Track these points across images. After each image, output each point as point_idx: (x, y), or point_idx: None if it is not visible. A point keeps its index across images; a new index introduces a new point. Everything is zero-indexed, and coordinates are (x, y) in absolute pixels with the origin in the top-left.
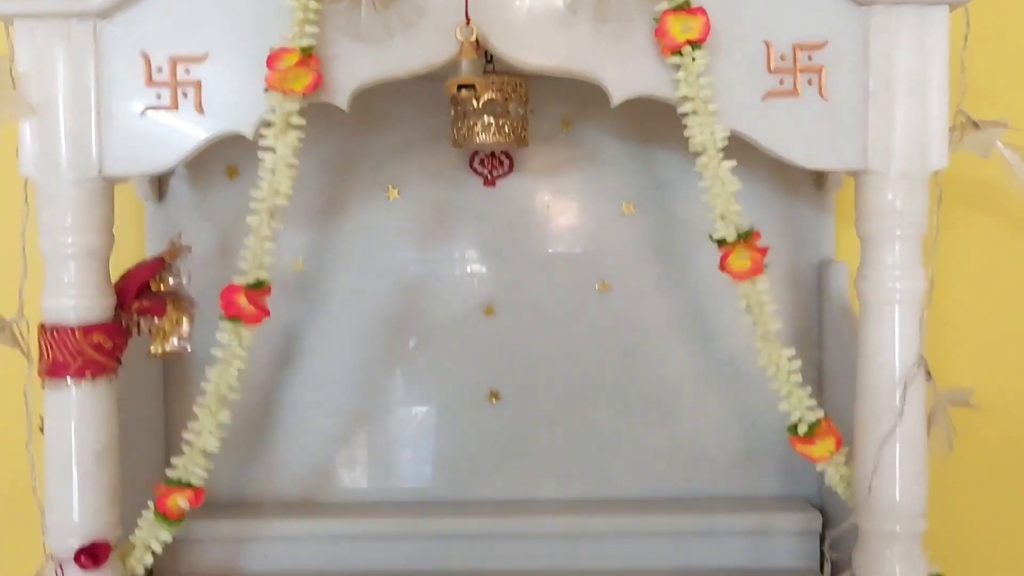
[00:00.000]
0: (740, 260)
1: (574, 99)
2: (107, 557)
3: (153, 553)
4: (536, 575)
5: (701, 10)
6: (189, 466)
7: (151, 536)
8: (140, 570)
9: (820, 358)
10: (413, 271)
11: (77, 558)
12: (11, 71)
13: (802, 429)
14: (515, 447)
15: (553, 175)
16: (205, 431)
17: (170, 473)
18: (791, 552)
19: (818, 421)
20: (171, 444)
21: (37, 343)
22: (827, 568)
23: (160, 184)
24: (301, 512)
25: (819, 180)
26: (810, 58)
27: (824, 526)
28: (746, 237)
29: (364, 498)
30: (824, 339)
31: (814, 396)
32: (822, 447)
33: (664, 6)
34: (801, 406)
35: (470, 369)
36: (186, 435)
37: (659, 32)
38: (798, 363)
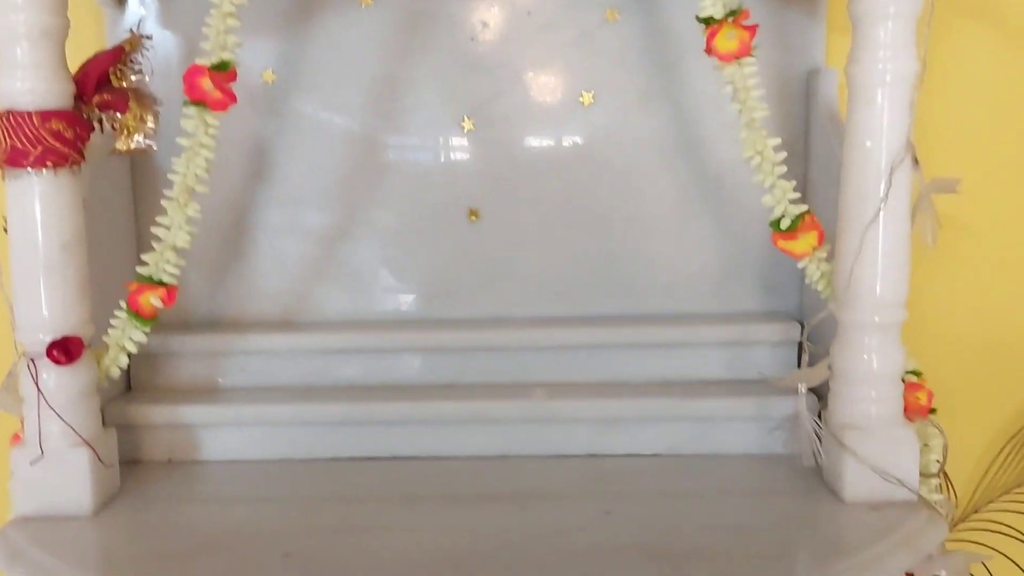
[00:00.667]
0: (727, 40)
1: None
2: (80, 352)
3: (128, 354)
4: (516, 388)
5: None
6: (160, 263)
7: (125, 337)
8: (115, 371)
9: (806, 170)
10: (387, 82)
11: (49, 352)
12: None
13: (785, 223)
14: (495, 267)
15: None
16: (175, 226)
17: (141, 270)
18: (770, 362)
19: (801, 215)
20: (142, 247)
21: None
22: (804, 360)
23: None
24: (277, 329)
25: None
26: None
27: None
28: (734, 15)
29: (342, 319)
30: (811, 151)
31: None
32: (804, 242)
33: None
34: (784, 199)
35: (448, 186)
36: (155, 230)
37: None
38: (783, 154)
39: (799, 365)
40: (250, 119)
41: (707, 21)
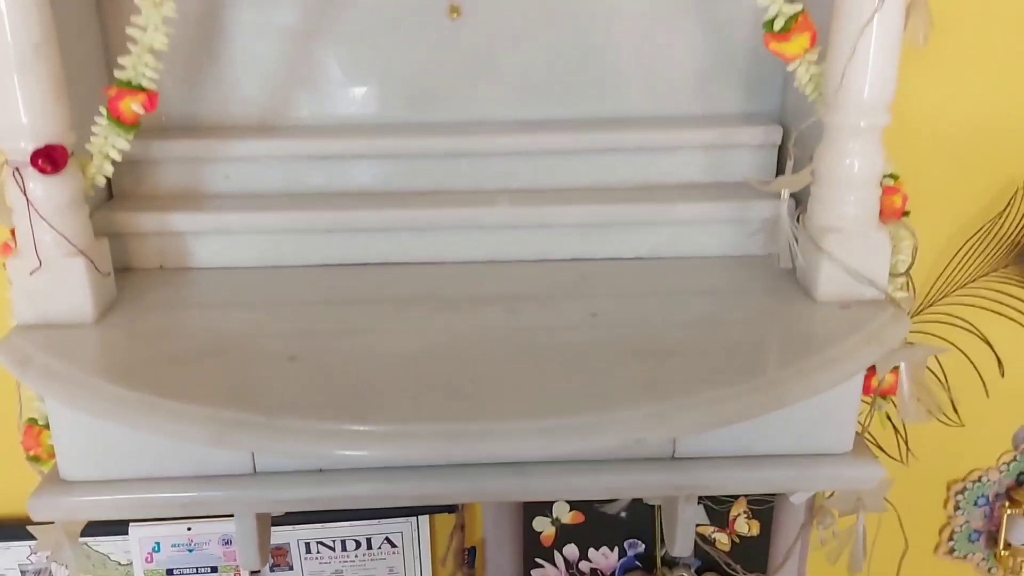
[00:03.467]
0: None
1: None
2: (65, 161)
3: (112, 162)
4: (498, 193)
5: None
6: (138, 66)
7: (108, 144)
8: (101, 180)
9: None
10: None
11: (34, 162)
12: None
13: (778, 24)
14: (477, 66)
15: None
16: (151, 26)
17: (119, 74)
18: (751, 165)
19: (795, 15)
20: (111, 56)
21: None
22: (789, 165)
23: None
24: (260, 135)
25: None
26: None
27: (784, 141)
28: None
29: (322, 123)
30: None
31: None
32: (797, 43)
33: None
34: None
35: None
36: (130, 31)
37: None
38: None
39: (778, 169)
40: None
41: None
